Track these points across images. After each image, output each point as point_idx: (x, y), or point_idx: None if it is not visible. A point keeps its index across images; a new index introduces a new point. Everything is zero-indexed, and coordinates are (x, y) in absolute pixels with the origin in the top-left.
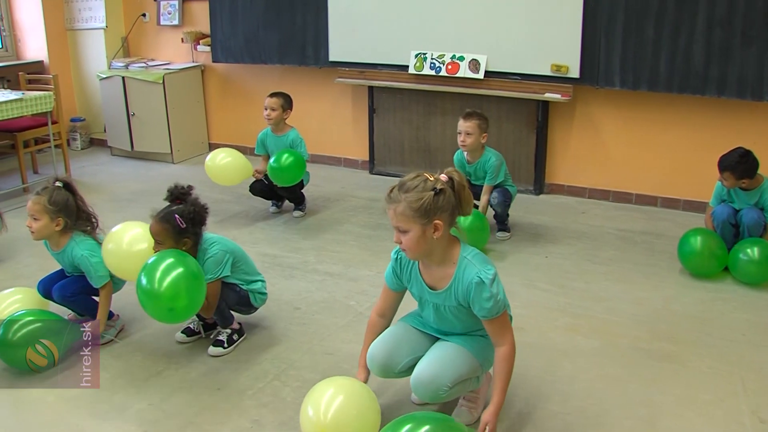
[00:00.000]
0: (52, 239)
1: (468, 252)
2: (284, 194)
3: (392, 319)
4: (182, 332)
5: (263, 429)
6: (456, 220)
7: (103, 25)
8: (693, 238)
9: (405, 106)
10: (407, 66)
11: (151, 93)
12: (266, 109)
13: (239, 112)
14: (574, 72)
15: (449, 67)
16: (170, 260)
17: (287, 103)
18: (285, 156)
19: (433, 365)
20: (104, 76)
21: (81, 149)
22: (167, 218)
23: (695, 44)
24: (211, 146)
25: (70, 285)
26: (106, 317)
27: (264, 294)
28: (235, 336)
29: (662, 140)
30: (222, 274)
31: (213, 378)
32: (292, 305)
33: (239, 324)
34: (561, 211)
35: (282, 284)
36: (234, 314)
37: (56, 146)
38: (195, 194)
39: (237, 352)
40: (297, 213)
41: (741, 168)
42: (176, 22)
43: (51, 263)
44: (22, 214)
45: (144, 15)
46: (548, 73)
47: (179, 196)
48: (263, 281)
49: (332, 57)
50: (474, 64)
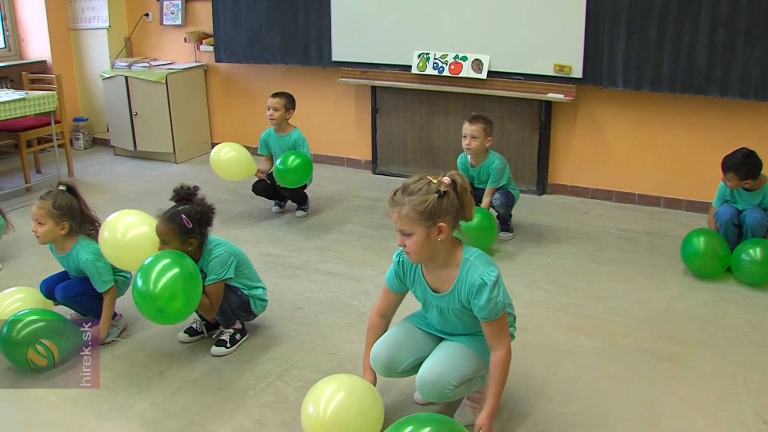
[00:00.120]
0: (57, 243)
1: (471, 254)
2: (287, 194)
3: (392, 319)
4: (185, 332)
5: (265, 429)
6: (459, 223)
7: (106, 25)
8: (696, 239)
9: (408, 106)
10: (410, 66)
11: (154, 93)
12: (269, 109)
13: (242, 112)
14: (577, 72)
15: (452, 67)
16: (166, 261)
17: (290, 103)
18: (292, 158)
19: (439, 365)
20: (107, 76)
21: (84, 149)
22: (174, 218)
23: (698, 44)
24: (214, 146)
25: (73, 286)
26: (109, 322)
27: (264, 301)
28: (238, 336)
29: (665, 140)
30: (226, 276)
31: (215, 377)
32: (295, 305)
33: (242, 324)
34: (564, 211)
35: (284, 284)
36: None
37: (59, 146)
38: (201, 195)
39: (239, 352)
40: (300, 213)
41: (744, 169)
42: (179, 22)
43: (54, 263)
44: (25, 214)
45: (147, 15)
46: (551, 73)
47: (185, 197)
48: (264, 288)
49: (335, 57)
50: (477, 64)
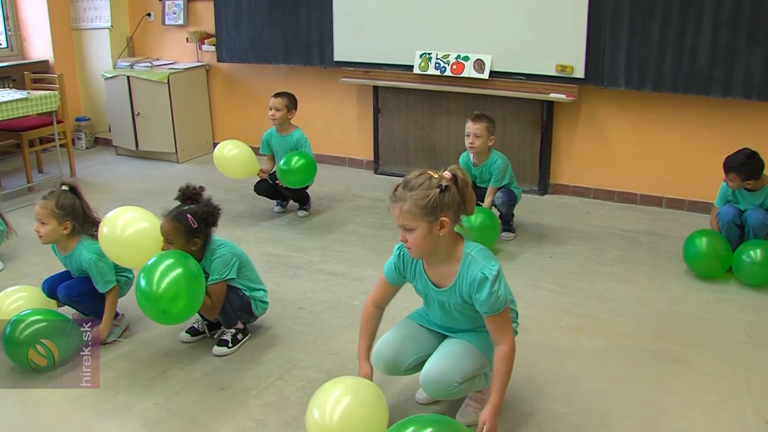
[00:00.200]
0: (60, 243)
1: (472, 248)
2: (289, 194)
3: (394, 318)
4: (187, 332)
5: (267, 428)
6: (461, 218)
7: (108, 25)
8: (698, 240)
9: (410, 106)
10: (412, 66)
11: (156, 92)
12: (271, 109)
13: (244, 112)
14: (579, 72)
15: (454, 67)
16: (169, 261)
17: (292, 103)
18: (295, 158)
19: (442, 362)
20: (109, 76)
21: (86, 149)
22: (179, 218)
23: (700, 44)
24: (216, 146)
25: (76, 285)
26: (111, 322)
27: (265, 303)
28: (240, 336)
29: (667, 140)
30: (228, 276)
31: (217, 377)
32: (297, 305)
33: (243, 324)
34: (565, 212)
35: (286, 284)
36: None
37: (61, 146)
38: (207, 195)
39: (241, 352)
40: (301, 213)
41: (747, 169)
42: (181, 22)
43: (56, 263)
44: (27, 213)
45: (149, 15)
46: (553, 74)
47: (191, 196)
48: (265, 291)
49: (337, 57)
50: (479, 64)
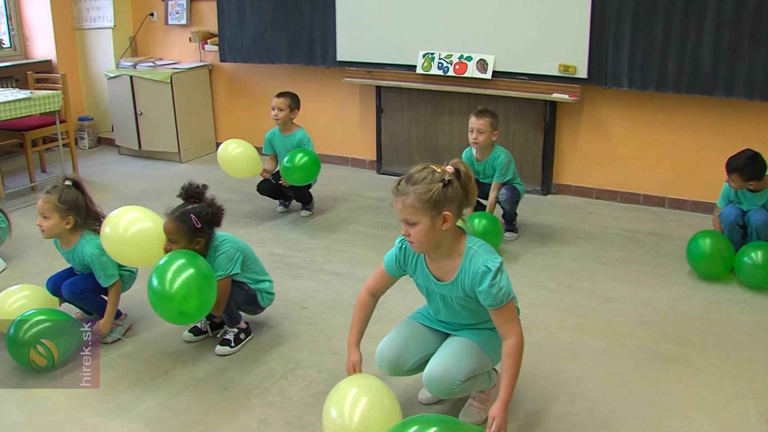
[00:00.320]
0: (63, 238)
1: (474, 243)
2: (291, 194)
3: (379, 299)
4: (189, 331)
5: (270, 428)
6: (463, 212)
7: (111, 25)
8: (702, 241)
9: (412, 106)
10: (415, 66)
11: (159, 92)
12: (274, 109)
13: (247, 112)
14: (582, 72)
15: (457, 67)
16: (181, 261)
17: (295, 103)
18: (299, 156)
19: (445, 360)
20: (112, 76)
21: (89, 148)
22: (183, 218)
23: (703, 45)
24: (219, 146)
25: (80, 282)
26: (114, 316)
27: (272, 294)
28: (242, 335)
29: (670, 141)
30: (232, 272)
31: (220, 377)
32: (300, 305)
33: (246, 323)
34: (568, 212)
35: (289, 284)
36: (241, 313)
37: (64, 145)
38: (210, 194)
39: (244, 352)
40: (304, 212)
41: (749, 170)
42: (184, 22)
43: (59, 262)
44: (30, 213)
45: (152, 14)
46: (556, 74)
47: (193, 195)
48: (271, 281)
49: (340, 57)
50: (482, 64)
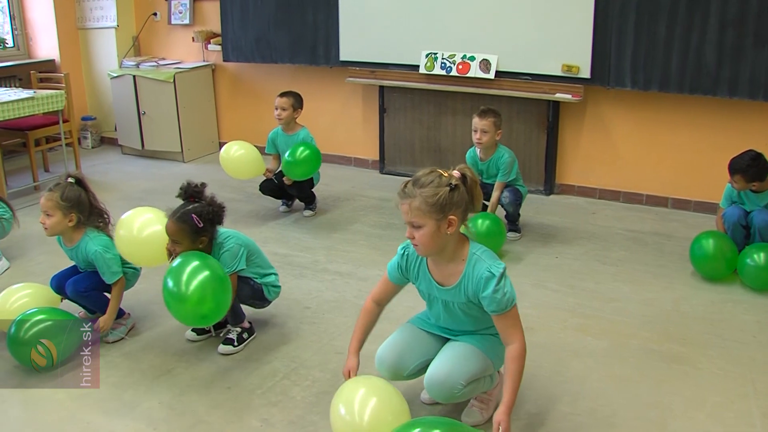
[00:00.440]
0: (66, 235)
1: (477, 249)
2: (294, 193)
3: (384, 307)
4: (192, 330)
5: (273, 428)
6: (467, 218)
7: (115, 24)
8: (705, 242)
9: (415, 106)
10: (418, 66)
11: (162, 92)
12: (277, 109)
13: (250, 112)
14: (585, 72)
15: (460, 67)
16: (196, 263)
17: (298, 103)
18: (300, 149)
19: (446, 365)
20: (115, 75)
21: (92, 148)
22: (184, 218)
23: (707, 44)
24: (222, 145)
25: (84, 280)
26: (116, 313)
27: (278, 287)
28: (245, 335)
29: (673, 141)
30: (238, 268)
31: (223, 376)
32: (303, 304)
33: (249, 323)
34: (571, 212)
35: (292, 283)
36: (245, 312)
37: (67, 145)
38: (209, 192)
39: (247, 351)
40: (307, 212)
41: (752, 171)
42: (187, 22)
43: (62, 261)
44: (34, 212)
45: (155, 14)
46: (559, 74)
47: (193, 194)
48: (276, 274)
49: (343, 56)
50: (485, 64)
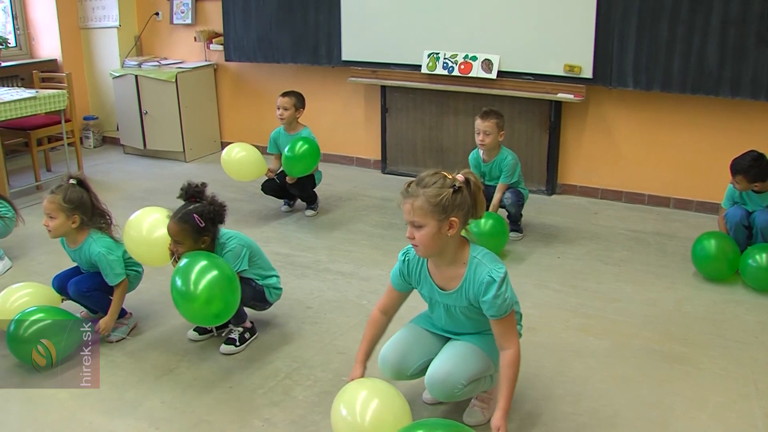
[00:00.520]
0: (69, 237)
1: (478, 252)
2: (296, 193)
3: (393, 317)
4: (194, 330)
5: (274, 427)
6: (468, 223)
7: (117, 24)
8: (707, 243)
9: (417, 106)
10: (420, 66)
11: (164, 92)
12: (279, 108)
13: (252, 111)
14: (587, 72)
15: (462, 67)
16: (204, 263)
17: (300, 102)
18: (299, 144)
19: (447, 364)
20: (117, 75)
21: (94, 147)
22: (186, 218)
23: (709, 45)
24: (224, 145)
25: (86, 280)
26: (117, 314)
27: (279, 289)
28: (247, 334)
29: (675, 141)
30: (240, 268)
31: (225, 376)
32: (304, 304)
33: (251, 323)
34: (573, 212)
35: (294, 283)
36: (246, 312)
37: (69, 144)
38: (210, 192)
39: (249, 351)
40: (309, 212)
41: (753, 172)
42: (189, 21)
43: (65, 260)
44: (36, 212)
45: (157, 14)
46: (561, 74)
47: (194, 194)
48: (278, 276)
49: (345, 56)
50: (487, 64)
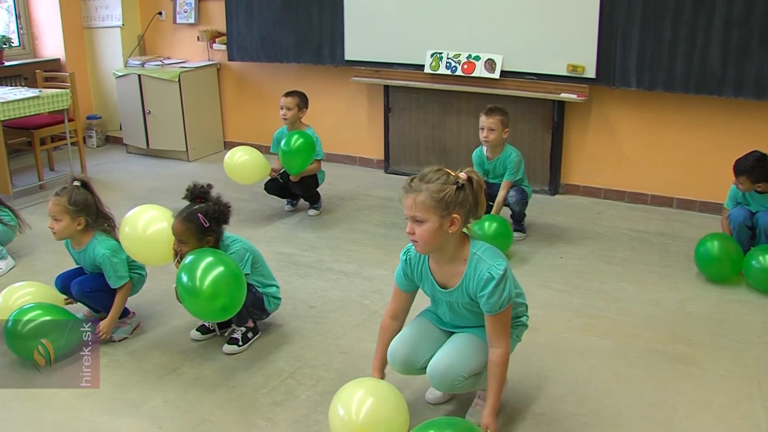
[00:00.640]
0: (74, 238)
1: (478, 248)
2: (299, 192)
3: (404, 321)
4: (197, 330)
5: (277, 427)
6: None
7: (120, 24)
8: (710, 244)
9: (420, 106)
10: (423, 65)
11: (167, 91)
12: (282, 108)
13: (255, 111)
14: (590, 72)
15: (465, 67)
16: (210, 259)
17: (303, 102)
18: (295, 137)
19: (449, 356)
20: (120, 74)
21: (97, 147)
22: (190, 218)
23: (712, 45)
24: (227, 144)
25: (89, 281)
26: (117, 317)
27: (278, 299)
28: (250, 334)
29: (678, 141)
30: (243, 271)
31: (227, 376)
32: (307, 304)
33: (254, 322)
34: (576, 212)
35: (297, 283)
36: None
37: (72, 144)
38: (215, 192)
39: (251, 350)
40: (312, 212)
41: (757, 172)
42: (192, 21)
43: (67, 260)
44: (39, 211)
45: (160, 13)
46: (564, 73)
47: (199, 195)
48: (277, 287)
49: (348, 56)
50: (490, 64)
